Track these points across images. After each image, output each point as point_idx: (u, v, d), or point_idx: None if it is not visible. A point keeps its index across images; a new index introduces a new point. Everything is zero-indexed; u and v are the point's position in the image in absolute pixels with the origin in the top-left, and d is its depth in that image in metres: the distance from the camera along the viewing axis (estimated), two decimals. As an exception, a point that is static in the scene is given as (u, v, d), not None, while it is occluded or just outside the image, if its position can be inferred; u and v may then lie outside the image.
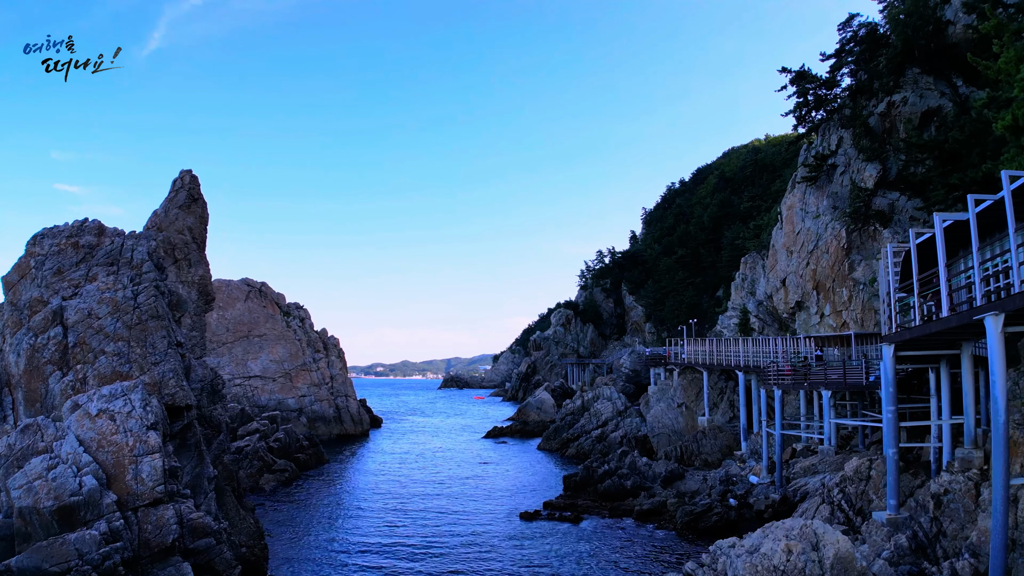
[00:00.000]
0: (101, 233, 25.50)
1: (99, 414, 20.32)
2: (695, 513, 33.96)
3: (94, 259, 24.69)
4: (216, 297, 77.34)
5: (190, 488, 23.77)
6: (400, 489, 44.43)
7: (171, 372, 22.60)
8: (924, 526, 20.52)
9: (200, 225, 37.63)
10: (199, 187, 38.54)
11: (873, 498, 25.63)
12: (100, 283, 23.53)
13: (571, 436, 60.96)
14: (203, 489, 23.87)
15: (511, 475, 49.32)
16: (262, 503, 40.96)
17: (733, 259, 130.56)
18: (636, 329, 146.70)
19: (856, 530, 24.45)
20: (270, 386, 72.33)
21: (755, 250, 69.91)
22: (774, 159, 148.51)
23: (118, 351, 22.25)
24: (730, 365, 56.95)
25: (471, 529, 33.80)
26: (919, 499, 21.09)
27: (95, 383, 22.26)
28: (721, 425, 59.09)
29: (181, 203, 37.38)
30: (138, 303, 23.08)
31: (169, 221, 36.98)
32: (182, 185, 38.10)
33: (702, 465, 53.61)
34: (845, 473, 26.89)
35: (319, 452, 54.51)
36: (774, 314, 63.98)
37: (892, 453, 21.77)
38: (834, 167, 57.42)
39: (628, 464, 43.69)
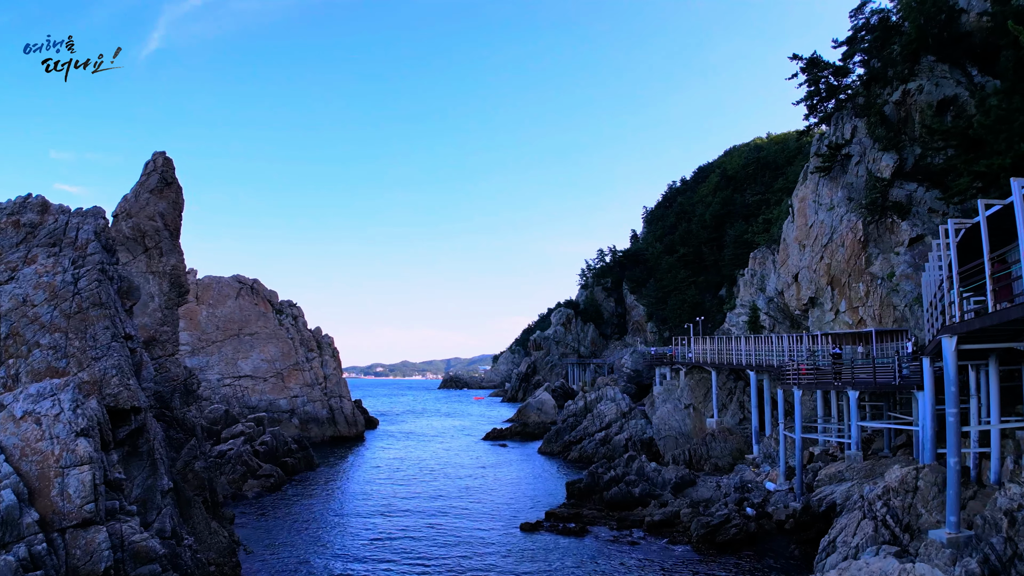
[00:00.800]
0: (45, 210, 22.21)
1: (24, 417, 17.02)
2: (712, 525, 30.62)
3: (35, 239, 21.39)
4: (206, 294, 74.13)
5: (140, 503, 20.46)
6: (392, 497, 41.07)
7: (114, 369, 19.27)
8: (997, 548, 17.24)
9: (173, 211, 34.31)
10: (173, 170, 35.23)
11: (922, 512, 22.35)
12: (38, 266, 20.22)
13: (573, 439, 57.61)
14: (156, 504, 20.54)
15: (510, 481, 45.96)
16: (244, 512, 37.63)
17: (736, 257, 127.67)
18: (637, 329, 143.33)
19: (905, 549, 21.17)
20: (261, 386, 68.97)
21: (764, 245, 66.59)
22: (777, 156, 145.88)
23: (54, 344, 18.94)
24: (741, 364, 53.66)
25: (467, 543, 30.45)
26: (988, 516, 17.82)
27: (28, 380, 18.94)
28: (731, 427, 55.81)
29: (153, 187, 34.08)
30: (78, 288, 19.76)
31: (139, 206, 33.67)
32: (154, 168, 34.80)
33: (712, 470, 50.36)
34: (888, 483, 23.59)
35: (308, 456, 51.13)
36: (785, 311, 60.67)
37: (954, 463, 18.47)
38: (848, 157, 54.32)
39: (636, 470, 40.35)
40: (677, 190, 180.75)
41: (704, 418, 57.93)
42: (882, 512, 22.98)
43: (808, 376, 37.55)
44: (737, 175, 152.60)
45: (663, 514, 33.13)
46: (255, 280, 76.07)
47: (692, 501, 34.85)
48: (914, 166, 47.56)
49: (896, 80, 48.94)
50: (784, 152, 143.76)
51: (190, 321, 70.39)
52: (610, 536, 31.36)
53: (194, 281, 73.19)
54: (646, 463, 41.37)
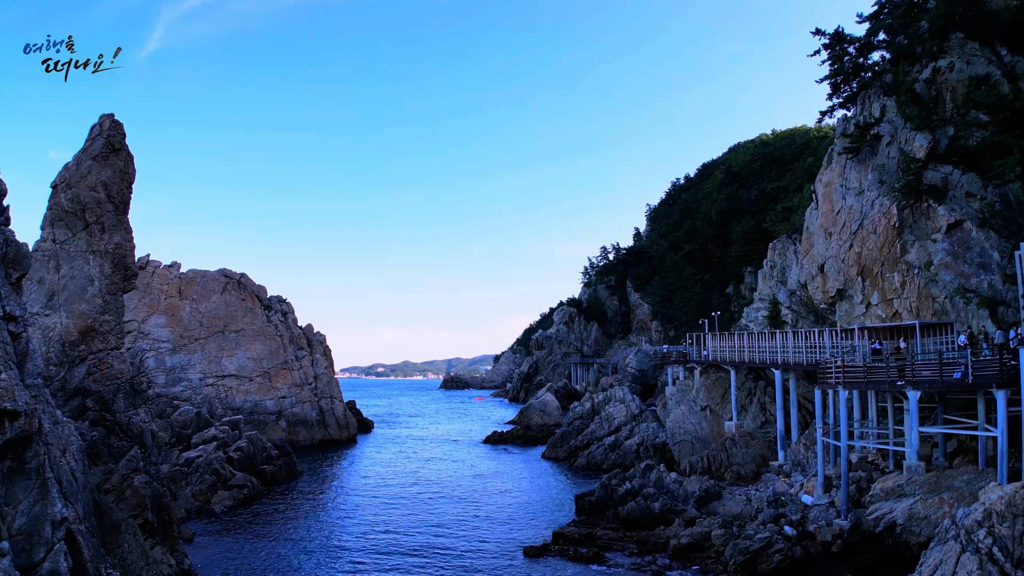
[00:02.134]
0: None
1: None
2: (752, 551, 25.34)
3: None
4: (190, 289, 68.93)
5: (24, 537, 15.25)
6: (378, 513, 35.73)
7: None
8: None
9: (120, 181, 29.05)
10: (122, 135, 29.96)
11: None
12: None
13: (580, 444, 52.26)
14: (43, 538, 15.27)
15: (512, 493, 40.60)
16: (208, 530, 32.37)
17: (743, 254, 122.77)
18: (642, 327, 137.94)
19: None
20: (246, 386, 63.73)
21: (785, 234, 61.27)
22: (784, 152, 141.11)
23: None
24: (764, 362, 48.39)
25: (462, 571, 25.18)
26: None
27: None
28: (752, 431, 50.51)
29: (96, 153, 28.85)
30: (-68, 254, 14.55)
31: (80, 175, 28.44)
32: (100, 132, 29.57)
33: (734, 479, 45.07)
34: (990, 506, 18.34)
35: (291, 463, 45.83)
36: (809, 305, 55.31)
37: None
38: (878, 138, 49.20)
39: (654, 481, 35.05)
40: (681, 187, 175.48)
41: (722, 421, 52.60)
42: (986, 544, 17.75)
43: (855, 374, 32.29)
44: (743, 171, 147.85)
45: (691, 536, 27.81)
46: (243, 274, 70.88)
47: (723, 520, 29.47)
48: (948, 148, 43.57)
49: (925, 58, 44.99)
50: (791, 147, 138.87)
51: (172, 317, 65.23)
52: (630, 563, 26.06)
53: (177, 275, 68.02)
54: (665, 473, 36.08)
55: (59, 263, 28.07)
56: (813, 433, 44.47)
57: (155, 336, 63.59)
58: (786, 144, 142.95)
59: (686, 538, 27.69)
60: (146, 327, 63.90)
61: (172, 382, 61.66)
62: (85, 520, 19.77)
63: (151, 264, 67.72)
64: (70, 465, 19.65)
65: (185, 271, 68.81)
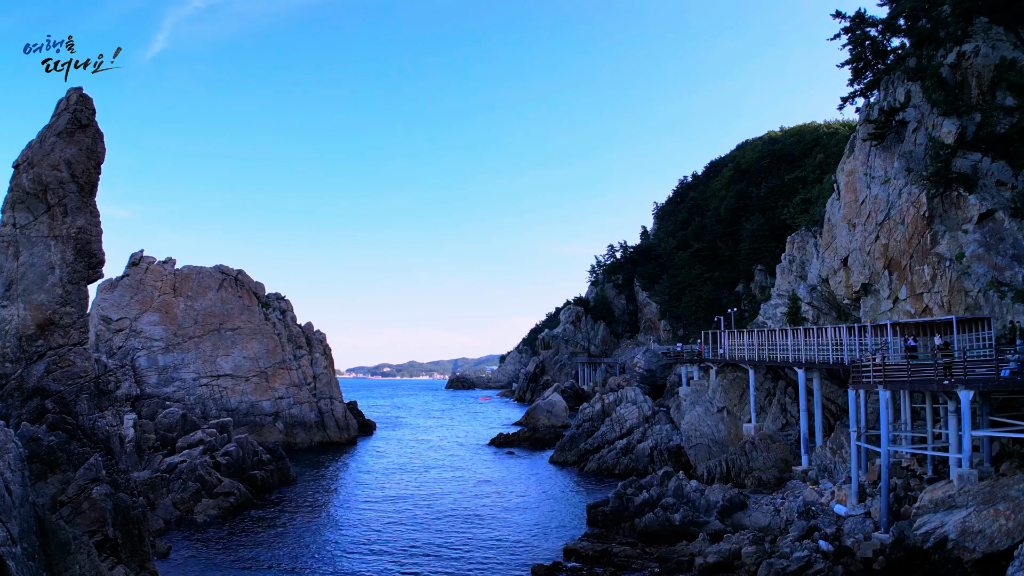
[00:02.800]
0: None
1: None
2: (790, 573, 22.29)
3: None
4: (184, 286, 66.16)
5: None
6: (376, 525, 32.74)
7: None
8: None
9: (86, 160, 26.15)
10: (91, 111, 27.07)
11: None
12: None
13: (590, 447, 49.15)
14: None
15: (519, 501, 37.54)
16: (186, 543, 29.48)
17: (753, 251, 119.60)
18: (650, 327, 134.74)
19: None
20: (242, 386, 60.89)
21: (804, 227, 58.09)
22: (793, 148, 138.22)
23: None
24: (786, 361, 45.28)
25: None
26: None
27: None
28: (772, 434, 47.42)
29: (61, 129, 25.99)
30: None
31: (43, 153, 25.56)
32: (66, 107, 26.71)
33: (756, 485, 41.97)
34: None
35: (283, 468, 42.91)
36: (831, 300, 52.15)
37: None
38: (904, 124, 46.21)
39: (673, 490, 31.96)
40: (689, 185, 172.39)
41: (740, 423, 49.51)
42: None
43: (897, 373, 29.17)
44: (751, 168, 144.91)
45: (718, 553, 24.74)
46: (240, 271, 68.11)
47: (754, 536, 26.34)
48: (975, 135, 41.31)
49: (949, 42, 42.66)
50: (801, 143, 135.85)
51: (165, 315, 62.48)
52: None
53: (172, 271, 65.28)
54: (684, 481, 32.98)
55: (19, 249, 25.19)
56: (840, 436, 41.44)
57: (147, 334, 60.84)
58: (796, 140, 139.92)
59: (713, 556, 24.62)
60: (138, 325, 61.16)
61: (164, 382, 58.88)
62: (22, 541, 16.89)
63: (145, 260, 65.02)
64: (3, 477, 16.79)
65: (180, 267, 66.08)
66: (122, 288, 62.83)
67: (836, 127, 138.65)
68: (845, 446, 41.07)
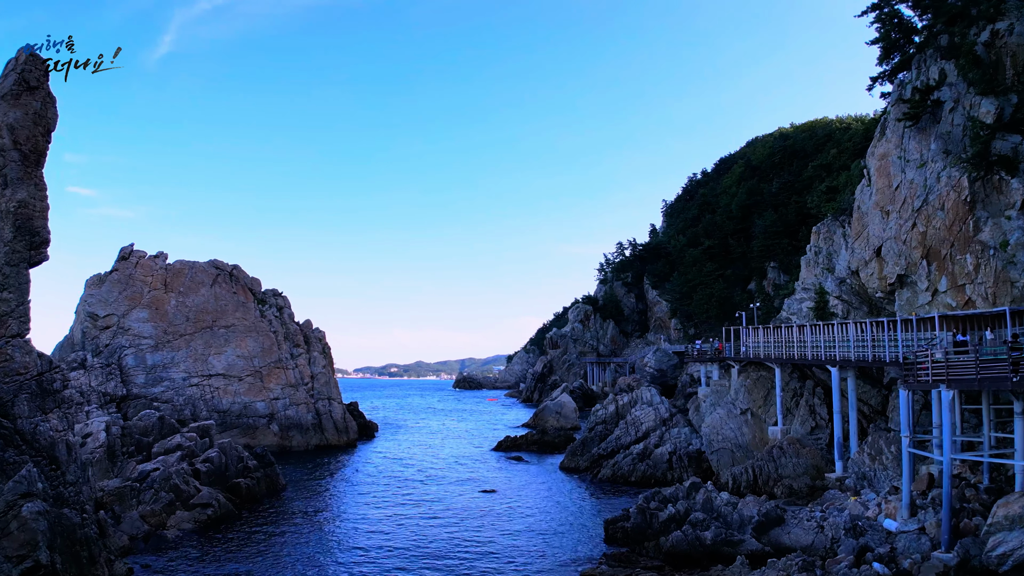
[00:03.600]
0: None
1: None
2: (853, 609, 18.38)
3: None
4: (176, 281, 62.62)
5: None
6: (368, 543, 28.96)
7: None
8: None
9: (33, 126, 22.50)
10: (43, 73, 23.45)
11: None
12: None
13: (604, 452, 45.23)
14: None
15: (527, 516, 33.58)
16: (155, 562, 25.79)
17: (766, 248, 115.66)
18: (660, 326, 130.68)
19: None
20: (235, 387, 57.29)
21: (831, 215, 53.99)
22: (805, 144, 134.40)
23: None
24: (818, 358, 41.27)
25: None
26: None
27: None
28: (801, 438, 43.47)
29: (6, 91, 22.37)
30: None
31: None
32: (14, 67, 23.13)
33: (786, 494, 38.10)
34: None
35: (272, 475, 39.18)
36: (862, 293, 48.09)
37: None
38: (939, 104, 42.32)
39: (702, 503, 28.08)
40: (698, 182, 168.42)
41: (765, 426, 45.55)
42: None
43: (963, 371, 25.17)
44: (762, 165, 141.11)
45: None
46: (235, 266, 64.55)
47: (803, 562, 22.40)
48: (1012, 116, 37.70)
49: (982, 19, 39.70)
50: (813, 139, 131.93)
51: (156, 311, 58.96)
52: (687, 623, 19.14)
53: (163, 266, 61.77)
54: (714, 493, 29.07)
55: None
56: (878, 440, 37.51)
57: (136, 332, 57.34)
58: (807, 136, 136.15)
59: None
60: (126, 322, 57.67)
61: (152, 382, 55.35)
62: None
63: (135, 254, 61.54)
64: None
65: (172, 262, 62.56)
66: (110, 283, 59.39)
67: (849, 122, 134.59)
68: (885, 451, 37.18)
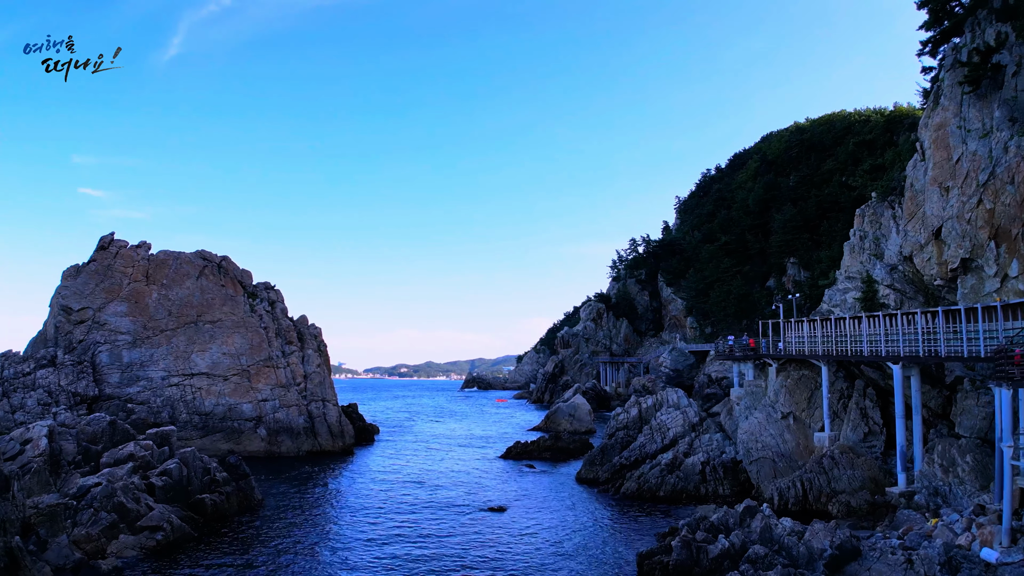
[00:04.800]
0: None
1: None
2: None
3: None
4: (159, 273, 57.01)
5: None
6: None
7: None
8: None
9: None
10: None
11: None
12: None
13: (626, 462, 39.21)
14: None
15: (542, 541, 27.64)
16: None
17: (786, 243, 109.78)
18: (676, 324, 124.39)
19: None
20: (219, 387, 51.72)
21: (877, 195, 47.86)
22: (823, 137, 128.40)
23: None
24: (877, 355, 35.24)
25: None
26: None
27: None
28: (853, 446, 37.47)
29: None
30: None
31: None
32: None
33: (843, 513, 32.17)
34: None
35: (245, 489, 33.44)
36: (917, 281, 41.95)
37: None
38: (999, 68, 36.62)
39: (759, 532, 22.15)
40: (712, 178, 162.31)
41: (809, 432, 39.50)
42: None
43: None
44: (779, 159, 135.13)
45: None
46: (224, 257, 59.07)
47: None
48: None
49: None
50: (831, 132, 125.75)
51: (135, 305, 53.53)
52: None
53: (146, 257, 56.38)
54: (773, 519, 23.10)
55: None
56: (950, 449, 31.57)
57: (112, 327, 51.93)
58: (825, 129, 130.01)
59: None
60: (103, 316, 52.27)
61: (128, 381, 49.91)
62: None
63: (115, 244, 56.17)
64: None
65: (156, 252, 57.17)
66: (87, 274, 54.02)
67: (868, 114, 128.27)
68: (959, 462, 31.22)
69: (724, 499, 36.02)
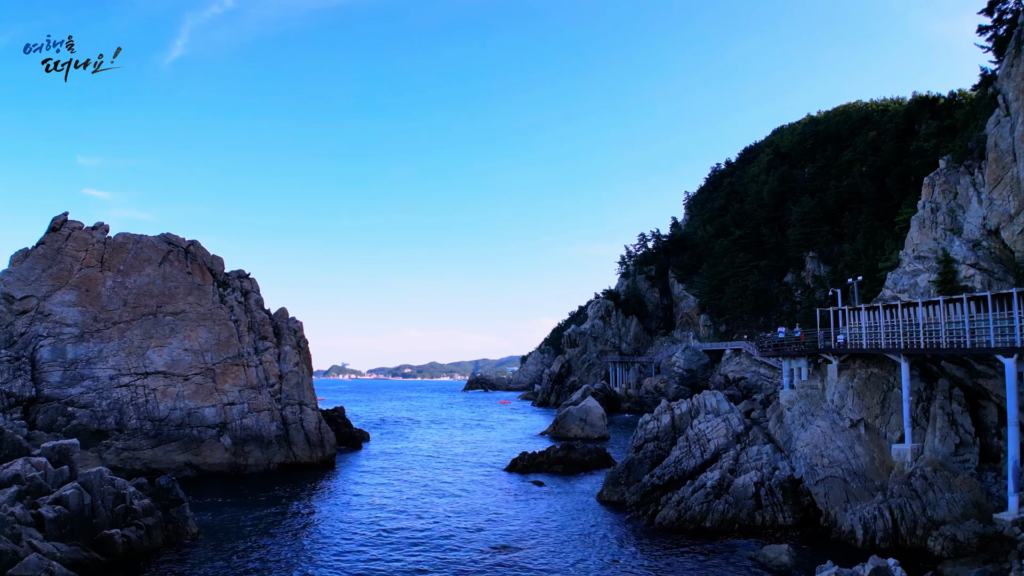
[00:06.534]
0: None
1: None
2: None
3: None
4: (116, 258, 48.91)
5: None
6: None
7: None
8: None
9: None
10: None
11: None
12: None
13: (659, 482, 31.10)
14: None
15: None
16: None
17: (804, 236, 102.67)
18: (688, 322, 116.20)
19: None
20: (178, 388, 43.85)
21: (950, 159, 39.78)
22: (840, 128, 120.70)
23: None
24: (980, 346, 27.26)
25: None
26: None
27: None
28: (943, 460, 29.50)
29: None
30: None
31: None
32: None
33: (950, 551, 24.19)
34: None
35: (177, 519, 25.47)
36: (1006, 258, 33.86)
37: None
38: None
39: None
40: (723, 172, 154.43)
41: (885, 444, 31.41)
42: None
43: None
44: (792, 151, 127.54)
45: None
46: (193, 242, 51.22)
47: None
48: None
49: None
50: (847, 122, 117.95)
51: (86, 293, 45.68)
52: None
53: (102, 239, 48.53)
54: None
55: None
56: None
57: (58, 317, 44.10)
58: (841, 120, 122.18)
59: None
60: (48, 305, 44.45)
61: (71, 380, 42.05)
62: None
63: (68, 225, 48.33)
64: None
65: (113, 235, 49.33)
66: (34, 258, 46.18)
67: (886, 104, 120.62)
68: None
69: (786, 530, 27.95)
